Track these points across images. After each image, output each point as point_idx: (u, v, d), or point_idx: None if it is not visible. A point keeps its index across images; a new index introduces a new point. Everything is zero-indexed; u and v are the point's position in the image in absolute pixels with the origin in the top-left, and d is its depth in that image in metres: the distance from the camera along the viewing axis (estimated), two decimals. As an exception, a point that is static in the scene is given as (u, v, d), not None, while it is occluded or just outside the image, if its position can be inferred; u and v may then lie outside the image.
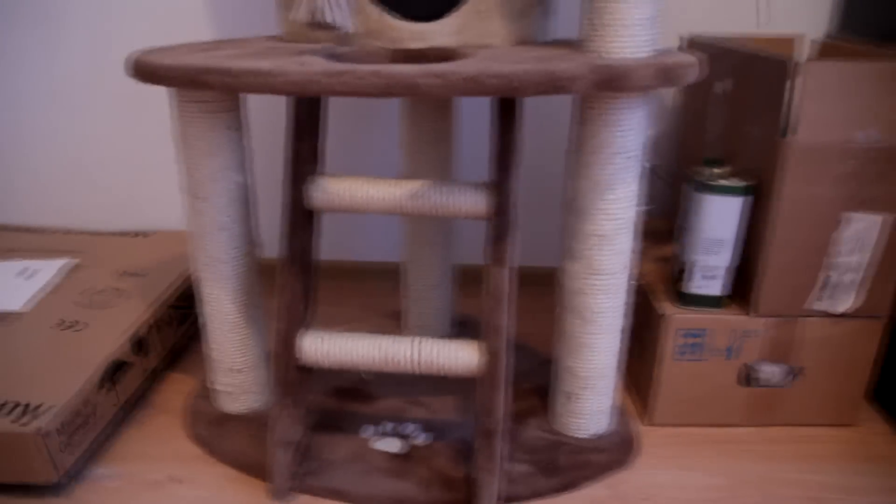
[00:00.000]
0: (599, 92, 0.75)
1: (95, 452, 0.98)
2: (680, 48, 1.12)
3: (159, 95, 1.32)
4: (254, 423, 1.01)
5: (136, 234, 1.44)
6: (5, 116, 1.43)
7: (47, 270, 1.23)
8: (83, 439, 0.94)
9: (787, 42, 1.15)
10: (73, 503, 0.90)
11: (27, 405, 0.88)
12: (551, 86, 0.69)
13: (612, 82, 0.71)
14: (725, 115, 1.04)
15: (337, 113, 1.34)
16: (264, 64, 0.71)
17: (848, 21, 1.20)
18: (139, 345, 1.06)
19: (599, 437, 0.98)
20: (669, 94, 1.32)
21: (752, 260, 0.95)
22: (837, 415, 1.03)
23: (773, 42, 1.13)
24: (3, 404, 0.88)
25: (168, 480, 0.94)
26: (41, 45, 1.36)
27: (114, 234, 1.44)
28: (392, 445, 0.96)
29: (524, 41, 0.90)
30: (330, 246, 1.43)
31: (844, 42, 1.13)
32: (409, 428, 1.00)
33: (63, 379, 0.94)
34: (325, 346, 0.86)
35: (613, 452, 0.96)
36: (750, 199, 0.93)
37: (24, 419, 0.86)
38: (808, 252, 0.93)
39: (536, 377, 1.12)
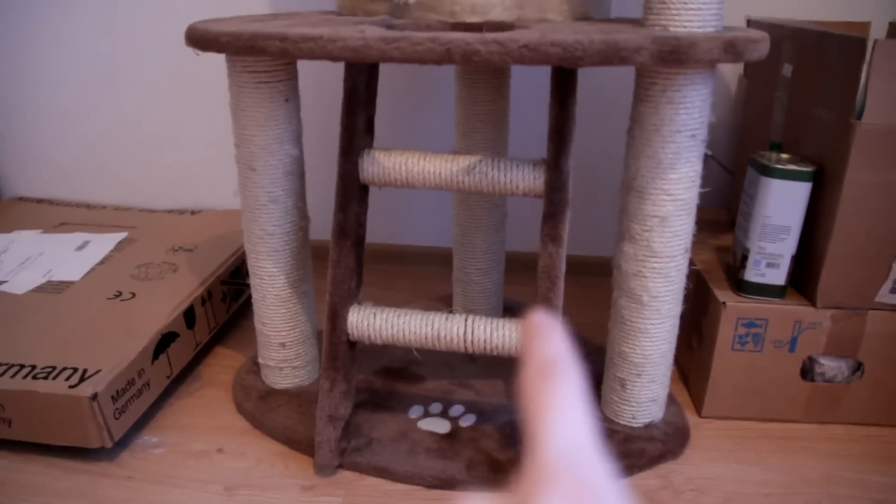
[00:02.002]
0: (663, 64, 0.72)
1: (144, 421, 0.99)
2: (746, 30, 1.08)
3: (212, 75, 1.34)
4: (301, 398, 1.00)
5: (185, 211, 1.45)
6: (62, 94, 1.46)
7: (104, 244, 1.26)
8: (137, 408, 0.95)
9: (856, 26, 1.11)
10: (118, 468, 0.91)
11: (84, 371, 0.90)
12: (614, 56, 0.67)
13: (677, 53, 0.68)
14: (791, 100, 1.00)
15: (389, 93, 1.34)
16: (321, 30, 0.70)
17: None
18: (190, 318, 1.07)
19: (651, 427, 0.95)
20: (732, 82, 1.28)
21: (816, 248, 0.91)
22: (904, 415, 0.99)
23: (841, 27, 1.08)
24: (62, 369, 0.90)
25: (214, 451, 0.94)
26: (97, 23, 1.39)
27: (164, 211, 1.46)
28: (439, 426, 0.95)
29: (583, 17, 0.88)
30: (379, 229, 1.43)
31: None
32: (457, 409, 0.98)
33: (117, 347, 0.95)
34: (375, 322, 0.85)
35: (666, 442, 0.93)
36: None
37: (80, 384, 0.87)
38: (878, 241, 0.88)
39: (587, 365, 1.09)
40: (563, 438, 0.22)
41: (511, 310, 1.23)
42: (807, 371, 0.97)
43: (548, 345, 0.25)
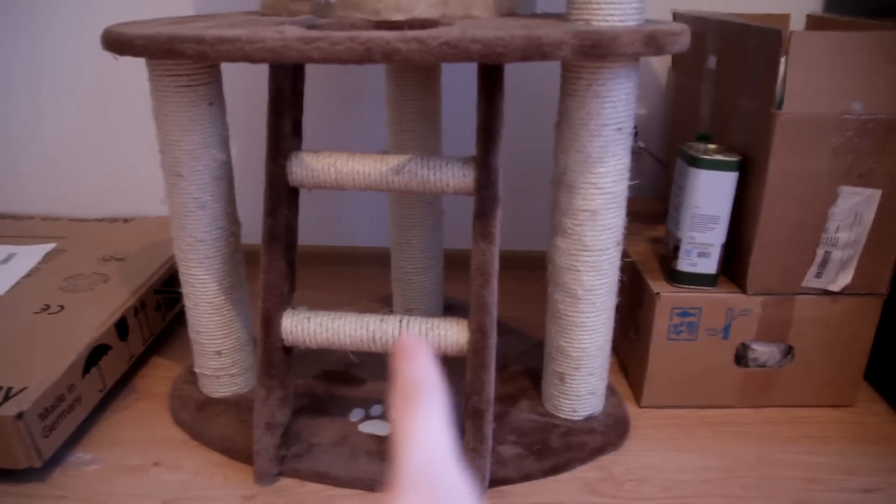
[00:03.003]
0: (585, 59, 0.72)
1: (77, 437, 0.96)
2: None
3: (139, 81, 1.30)
4: (239, 407, 0.99)
5: (118, 219, 1.42)
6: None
7: (31, 256, 1.22)
8: (68, 425, 0.92)
9: (776, 18, 1.13)
10: (49, 488, 0.88)
11: (9, 389, 0.86)
12: (535, 51, 0.67)
13: (598, 47, 0.68)
14: (716, 91, 1.02)
15: (321, 92, 1.32)
16: (238, 31, 0.69)
17: (833, 1, 1.18)
18: (123, 329, 1.05)
19: (591, 419, 0.96)
20: (662, 74, 1.30)
21: (744, 237, 0.93)
22: (835, 395, 1.01)
23: (762, 19, 1.11)
24: (-16, 389, 0.87)
25: (150, 465, 0.92)
26: (20, 32, 1.34)
27: (95, 220, 1.42)
28: (379, 428, 0.94)
29: (509, 13, 0.88)
30: (317, 230, 1.41)
31: (832, 18, 1.11)
32: (398, 411, 0.97)
33: (45, 363, 0.92)
34: (310, 326, 0.84)
35: (606, 434, 0.94)
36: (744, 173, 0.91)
37: (4, 403, 0.84)
38: (803, 228, 0.90)
39: (527, 360, 1.10)
40: (421, 453, 0.24)
41: (452, 308, 1.22)
42: (740, 357, 0.98)
43: (414, 368, 0.27)
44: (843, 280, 0.93)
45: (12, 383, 0.88)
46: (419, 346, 0.28)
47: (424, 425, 0.25)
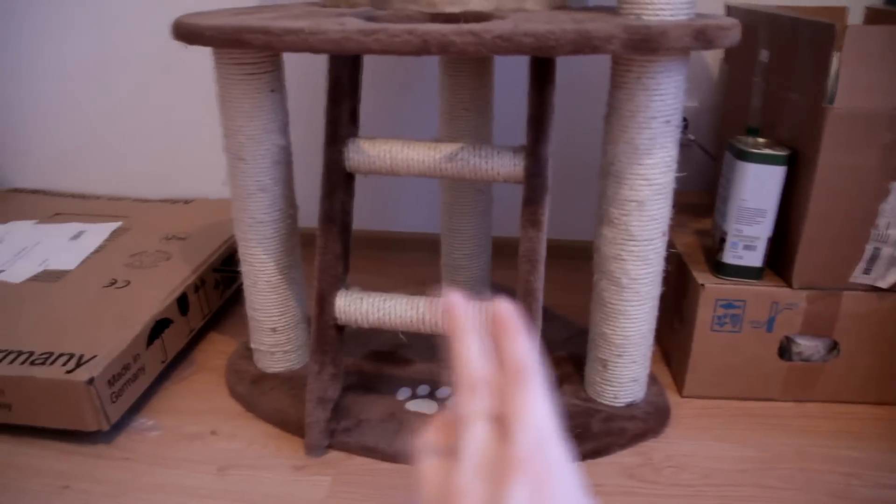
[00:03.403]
0: (634, 52, 0.74)
1: (140, 404, 1.01)
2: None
3: (202, 65, 1.35)
4: (292, 382, 1.03)
5: (179, 201, 1.48)
6: (55, 88, 1.48)
7: (98, 233, 1.28)
8: (132, 392, 0.98)
9: (832, 12, 1.12)
10: (115, 450, 0.94)
11: (80, 356, 0.92)
12: (585, 45, 0.69)
13: (647, 42, 0.70)
14: (767, 85, 1.02)
15: (376, 81, 1.36)
16: (302, 23, 0.72)
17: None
18: (184, 305, 1.10)
19: (633, 406, 0.98)
20: (714, 67, 1.30)
21: (791, 231, 0.94)
22: (880, 392, 1.01)
23: (818, 12, 1.10)
24: (59, 355, 0.93)
25: (207, 433, 0.97)
26: (89, 15, 1.41)
27: (158, 200, 1.48)
28: (426, 407, 0.98)
29: (560, 7, 0.90)
30: (369, 216, 1.45)
31: (893, 11, 1.10)
32: (444, 391, 1.01)
33: (113, 334, 0.97)
34: (362, 306, 0.87)
35: (646, 421, 0.96)
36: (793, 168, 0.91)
37: (77, 370, 0.90)
38: (852, 223, 0.91)
39: (571, 346, 1.12)
40: (532, 433, 0.28)
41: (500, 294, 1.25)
42: (784, 351, 0.99)
43: (515, 345, 0.30)
44: (893, 276, 0.93)
45: (83, 351, 0.93)
46: (514, 318, 0.31)
47: (534, 408, 0.29)
